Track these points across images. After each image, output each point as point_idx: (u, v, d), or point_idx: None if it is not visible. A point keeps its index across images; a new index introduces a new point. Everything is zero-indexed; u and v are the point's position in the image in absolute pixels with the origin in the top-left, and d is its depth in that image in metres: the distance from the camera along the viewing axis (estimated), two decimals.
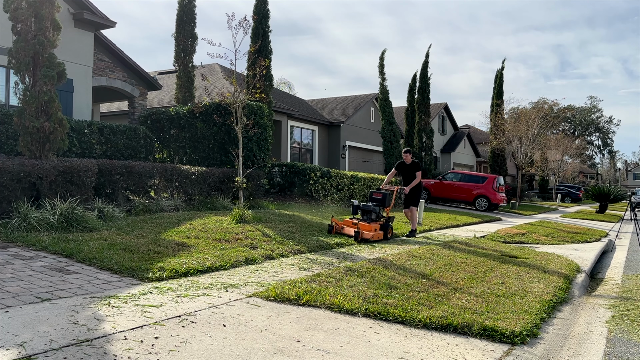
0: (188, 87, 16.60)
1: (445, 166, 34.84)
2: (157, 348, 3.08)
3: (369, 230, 8.22)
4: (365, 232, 8.13)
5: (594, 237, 11.91)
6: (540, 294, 5.21)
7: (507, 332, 3.83)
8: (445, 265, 6.39)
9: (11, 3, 7.88)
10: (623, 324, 4.49)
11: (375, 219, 8.61)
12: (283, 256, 6.49)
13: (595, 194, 25.93)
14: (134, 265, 5.11)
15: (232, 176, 11.46)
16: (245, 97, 9.64)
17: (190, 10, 16.55)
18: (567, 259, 7.95)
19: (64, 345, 3.01)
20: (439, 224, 12.37)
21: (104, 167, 9.19)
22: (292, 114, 21.75)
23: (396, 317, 4.01)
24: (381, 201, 8.89)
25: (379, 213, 8.67)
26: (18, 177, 7.42)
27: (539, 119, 25.38)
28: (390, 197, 8.98)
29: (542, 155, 32.00)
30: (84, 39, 13.23)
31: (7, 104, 11.40)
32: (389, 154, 22.25)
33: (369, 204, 8.72)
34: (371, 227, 8.26)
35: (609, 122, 79.46)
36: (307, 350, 3.24)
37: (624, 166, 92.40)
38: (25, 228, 6.54)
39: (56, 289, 4.21)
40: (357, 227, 8.15)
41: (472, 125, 43.97)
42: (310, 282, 4.85)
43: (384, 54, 22.43)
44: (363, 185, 16.45)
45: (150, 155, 13.42)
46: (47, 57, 8.01)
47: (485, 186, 19.84)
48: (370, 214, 8.69)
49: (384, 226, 8.58)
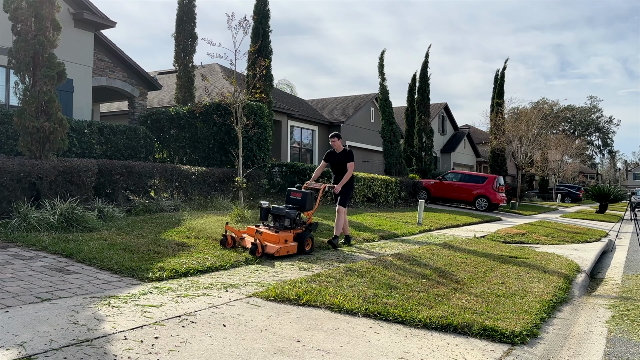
0: (188, 87, 16.60)
1: (445, 166, 34.84)
2: (157, 348, 3.08)
3: (275, 242, 6.32)
4: (268, 245, 6.23)
5: (594, 237, 11.91)
6: (540, 294, 5.20)
7: (507, 332, 3.83)
8: (446, 265, 6.39)
9: (11, 3, 7.88)
10: (623, 324, 4.49)
11: (289, 227, 6.75)
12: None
13: (595, 194, 25.94)
14: (134, 265, 5.11)
15: (232, 176, 11.46)
16: (245, 97, 9.64)
17: (190, 10, 16.55)
18: (567, 259, 7.95)
19: (64, 345, 3.01)
20: (439, 224, 12.38)
21: (104, 167, 9.19)
22: (292, 114, 21.76)
23: (396, 317, 4.01)
24: (300, 203, 7.04)
25: (295, 218, 6.82)
26: (18, 177, 7.42)
27: (539, 119, 25.38)
28: (312, 197, 7.19)
29: (542, 155, 32.00)
30: (84, 39, 13.23)
31: (7, 104, 11.40)
32: (389, 154, 22.26)
33: (281, 207, 6.87)
34: (279, 237, 6.36)
35: (609, 122, 79.48)
36: (307, 350, 3.24)
37: (624, 166, 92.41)
38: (25, 228, 6.54)
39: (56, 289, 4.21)
40: (256, 237, 6.18)
41: (472, 125, 43.98)
42: (310, 282, 4.85)
43: (383, 54, 22.45)
44: (363, 185, 16.45)
45: (150, 155, 13.43)
46: (47, 57, 8.01)
47: (485, 186, 19.85)
48: (282, 220, 6.78)
49: (301, 236, 6.71)
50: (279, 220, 6.83)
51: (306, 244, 6.77)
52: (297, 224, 6.86)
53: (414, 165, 25.97)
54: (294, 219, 6.81)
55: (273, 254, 6.15)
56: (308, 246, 6.84)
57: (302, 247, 6.68)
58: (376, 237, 8.99)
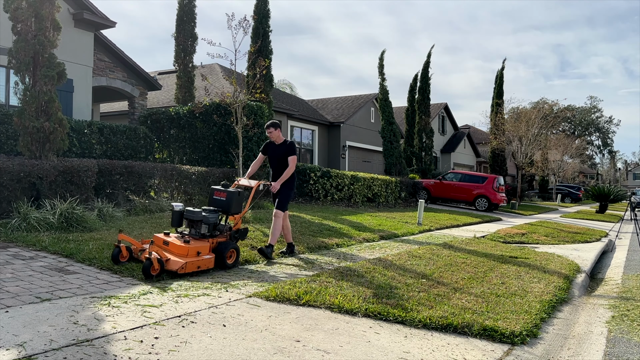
0: (188, 87, 16.60)
1: (445, 166, 34.84)
2: (157, 348, 3.08)
3: (181, 255, 5.00)
4: (171, 260, 4.88)
5: (594, 237, 11.91)
6: (540, 294, 5.21)
7: (507, 332, 3.83)
8: (445, 265, 6.39)
9: (11, 3, 7.88)
10: (623, 324, 4.49)
11: (208, 234, 5.39)
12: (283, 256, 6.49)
13: (595, 194, 25.94)
14: (133, 265, 5.11)
15: (232, 176, 11.46)
16: (245, 97, 9.64)
17: (191, 10, 16.55)
18: (567, 259, 7.95)
19: (64, 345, 3.01)
20: (439, 224, 12.38)
21: (104, 167, 9.20)
22: (292, 114, 21.76)
23: (396, 317, 4.01)
24: (225, 205, 5.68)
25: (215, 224, 5.46)
26: (18, 177, 7.42)
27: (539, 119, 25.39)
28: (238, 198, 5.80)
29: (542, 155, 32.02)
30: (84, 39, 13.24)
31: (7, 104, 11.41)
32: (389, 154, 22.26)
33: (197, 210, 5.47)
34: (187, 249, 5.02)
35: (609, 122, 79.47)
36: (307, 350, 3.24)
37: (624, 166, 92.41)
38: (25, 228, 6.54)
39: (56, 289, 4.21)
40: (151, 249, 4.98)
41: (472, 125, 44.00)
42: (310, 282, 4.85)
43: (383, 54, 22.45)
44: (363, 185, 16.46)
45: (150, 155, 13.43)
46: (47, 57, 8.02)
47: (485, 186, 19.86)
48: (198, 226, 5.43)
49: (222, 246, 5.39)
50: (195, 226, 5.45)
51: (228, 256, 5.43)
52: (222, 231, 5.55)
53: (414, 165, 25.98)
54: (214, 224, 5.45)
55: (176, 271, 4.82)
56: (231, 259, 5.49)
57: (223, 260, 5.35)
58: (376, 237, 9.00)
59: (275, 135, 6.62)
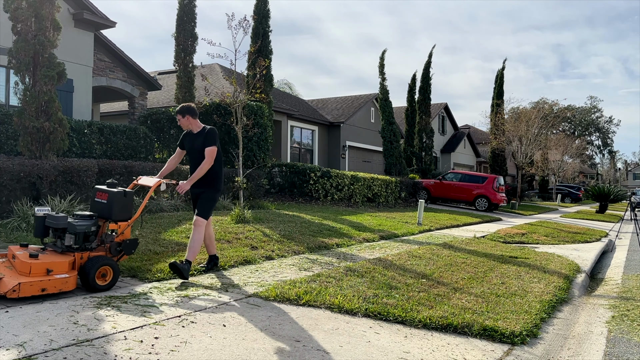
0: (188, 87, 16.56)
1: (445, 166, 34.84)
2: (157, 348, 3.08)
3: (22, 273, 3.93)
4: (4, 280, 3.81)
5: (594, 237, 11.91)
6: (540, 294, 5.21)
7: (507, 332, 3.83)
8: (445, 265, 6.39)
9: (11, 3, 7.88)
10: (623, 324, 4.49)
11: (75, 247, 4.31)
12: (283, 256, 6.49)
13: (595, 194, 25.94)
14: (134, 265, 5.12)
15: (232, 176, 11.46)
16: (245, 97, 9.64)
17: (191, 10, 16.52)
18: (567, 259, 7.95)
19: (64, 345, 3.01)
20: (439, 224, 12.38)
21: (104, 167, 9.20)
22: (292, 114, 21.76)
23: (396, 317, 4.01)
24: (106, 209, 4.57)
25: (83, 233, 4.33)
26: (18, 177, 7.42)
27: (539, 119, 25.39)
28: (124, 200, 4.62)
29: (542, 155, 32.02)
30: (84, 39, 13.24)
31: (7, 104, 11.41)
32: (389, 154, 22.26)
33: (60, 216, 4.36)
34: (30, 266, 3.92)
35: (609, 122, 79.47)
36: (307, 351, 3.24)
37: (624, 166, 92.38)
38: (25, 228, 6.54)
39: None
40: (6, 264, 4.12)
41: (472, 125, 44.01)
42: (310, 282, 4.85)
43: (384, 54, 22.44)
44: (363, 185, 16.46)
45: (150, 155, 13.42)
46: (47, 57, 8.02)
47: (485, 186, 19.86)
48: (63, 236, 4.38)
49: (91, 263, 4.23)
50: (60, 236, 4.39)
51: (99, 275, 4.26)
52: (103, 242, 4.50)
53: (414, 165, 25.98)
54: (84, 234, 4.34)
55: (5, 295, 3.73)
56: (105, 279, 4.31)
57: (88, 280, 4.18)
58: (376, 237, 8.99)
59: (188, 123, 5.20)
